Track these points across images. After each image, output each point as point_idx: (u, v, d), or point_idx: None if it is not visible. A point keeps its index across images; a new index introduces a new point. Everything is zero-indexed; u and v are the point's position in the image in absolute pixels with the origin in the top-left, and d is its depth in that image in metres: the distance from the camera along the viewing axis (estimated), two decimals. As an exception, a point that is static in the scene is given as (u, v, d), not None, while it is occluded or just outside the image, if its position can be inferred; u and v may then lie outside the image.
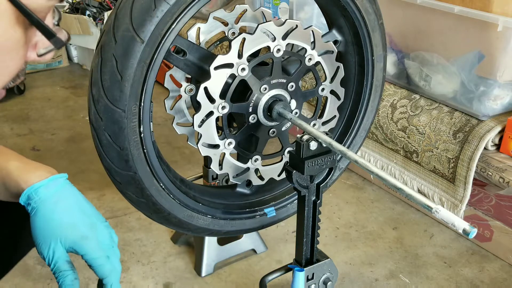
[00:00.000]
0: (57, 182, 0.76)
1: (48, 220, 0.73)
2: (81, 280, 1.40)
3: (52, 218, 0.73)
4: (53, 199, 0.74)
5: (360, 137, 1.36)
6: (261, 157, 1.18)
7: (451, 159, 1.50)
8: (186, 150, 2.08)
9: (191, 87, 1.16)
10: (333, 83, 1.21)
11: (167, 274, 1.44)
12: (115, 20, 0.93)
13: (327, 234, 1.62)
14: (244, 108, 1.08)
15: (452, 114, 1.54)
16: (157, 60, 0.96)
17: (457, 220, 0.72)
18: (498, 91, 1.47)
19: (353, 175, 1.95)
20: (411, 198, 0.78)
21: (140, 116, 0.99)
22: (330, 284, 1.10)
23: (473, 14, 1.41)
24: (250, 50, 1.04)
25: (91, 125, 0.98)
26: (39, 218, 0.73)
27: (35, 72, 3.07)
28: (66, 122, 2.41)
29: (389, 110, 1.68)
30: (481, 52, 1.45)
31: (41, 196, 0.73)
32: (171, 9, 0.93)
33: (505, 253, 1.50)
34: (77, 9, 2.88)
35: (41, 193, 0.74)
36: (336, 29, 1.24)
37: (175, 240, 1.56)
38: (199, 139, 1.07)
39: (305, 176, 0.97)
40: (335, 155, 0.97)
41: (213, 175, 1.46)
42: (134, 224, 1.65)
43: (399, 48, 1.72)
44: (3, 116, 2.48)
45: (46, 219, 0.73)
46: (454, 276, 1.45)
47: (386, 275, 1.45)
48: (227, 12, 1.20)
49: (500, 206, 1.49)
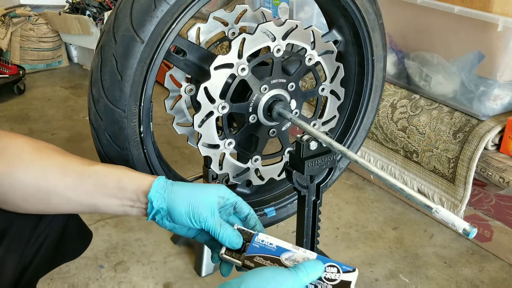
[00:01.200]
0: None
1: (189, 198, 0.83)
2: (81, 280, 1.40)
3: (191, 195, 0.83)
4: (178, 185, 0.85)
5: (360, 137, 1.36)
6: (261, 157, 1.18)
7: (451, 159, 1.50)
8: (186, 150, 2.08)
9: (191, 87, 1.16)
10: (333, 83, 1.21)
11: (167, 274, 1.44)
12: (115, 20, 0.93)
13: (327, 234, 1.62)
14: (244, 108, 1.08)
15: (452, 114, 1.54)
16: (157, 60, 0.96)
17: (457, 220, 0.72)
18: (498, 91, 1.47)
19: (353, 175, 1.95)
20: (411, 198, 0.78)
21: (140, 116, 0.99)
22: (330, 284, 1.10)
23: (473, 14, 1.41)
24: (250, 50, 1.04)
25: (91, 125, 0.98)
26: (180, 199, 0.82)
27: (35, 72, 3.07)
28: (66, 122, 2.41)
29: (389, 110, 1.68)
30: (481, 52, 1.45)
31: (171, 187, 0.84)
32: (171, 9, 0.93)
33: (505, 253, 1.50)
34: (77, 9, 2.88)
35: (167, 184, 0.84)
36: (336, 29, 1.24)
37: (175, 240, 1.56)
38: (199, 139, 1.07)
39: (305, 176, 0.97)
40: (335, 155, 0.97)
41: (213, 175, 1.45)
42: (134, 224, 1.65)
43: (399, 48, 1.72)
44: (3, 116, 2.48)
45: (187, 197, 0.83)
46: (454, 276, 1.45)
47: (386, 275, 1.45)
48: (227, 12, 1.20)
49: (500, 206, 1.49)
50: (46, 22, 3.01)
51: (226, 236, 0.83)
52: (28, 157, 0.81)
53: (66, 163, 0.83)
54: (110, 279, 1.41)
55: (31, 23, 2.97)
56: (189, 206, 0.82)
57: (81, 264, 1.46)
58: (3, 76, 2.68)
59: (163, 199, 0.82)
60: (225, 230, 0.83)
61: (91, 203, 0.84)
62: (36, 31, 2.99)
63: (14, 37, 2.97)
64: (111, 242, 1.56)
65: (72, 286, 1.38)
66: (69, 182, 0.82)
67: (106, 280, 1.40)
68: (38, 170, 0.81)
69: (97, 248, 1.53)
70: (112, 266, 1.46)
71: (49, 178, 0.81)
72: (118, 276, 1.42)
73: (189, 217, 0.82)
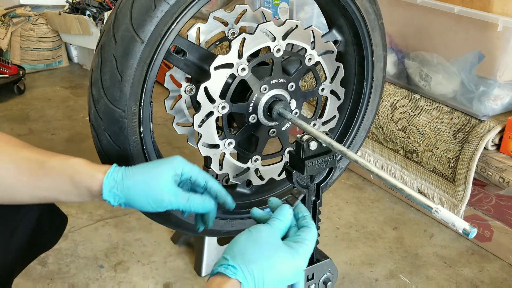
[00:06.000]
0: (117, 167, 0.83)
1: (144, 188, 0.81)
2: (81, 280, 1.40)
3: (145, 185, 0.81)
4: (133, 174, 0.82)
5: (360, 137, 1.36)
6: (261, 157, 1.18)
7: (451, 159, 1.50)
8: (186, 150, 2.08)
9: (191, 87, 1.16)
10: (333, 83, 1.21)
11: (167, 274, 1.44)
12: (115, 20, 0.93)
13: (327, 234, 1.62)
14: (244, 108, 1.08)
15: (452, 114, 1.54)
16: (157, 60, 0.96)
17: (457, 220, 0.71)
18: (498, 91, 1.47)
19: (353, 175, 1.95)
20: (411, 198, 0.78)
21: (140, 116, 0.99)
22: (330, 284, 1.10)
23: (473, 14, 1.41)
24: (250, 50, 1.04)
25: (91, 125, 0.98)
26: (135, 193, 0.80)
27: (35, 72, 3.07)
28: (66, 122, 2.41)
29: (389, 110, 1.68)
30: (481, 52, 1.46)
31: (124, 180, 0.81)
32: (171, 9, 0.93)
33: (505, 253, 1.50)
34: (77, 9, 2.88)
35: (120, 176, 0.81)
36: (336, 29, 1.24)
37: (175, 240, 1.56)
38: (199, 139, 1.07)
39: (305, 176, 0.97)
40: (335, 155, 0.97)
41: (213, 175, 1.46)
42: (134, 224, 1.65)
43: (399, 48, 1.72)
44: (3, 116, 2.48)
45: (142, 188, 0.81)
46: (454, 276, 1.45)
47: (386, 275, 1.45)
48: (227, 12, 1.20)
49: (500, 206, 1.49)
50: (46, 22, 3.01)
51: (196, 206, 0.83)
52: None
53: (20, 159, 0.81)
54: (110, 279, 1.41)
55: (31, 23, 2.97)
56: (147, 197, 0.80)
57: (81, 264, 1.46)
58: (3, 76, 2.69)
59: (118, 197, 0.81)
60: (193, 202, 0.82)
61: (53, 198, 0.83)
62: (36, 31, 2.99)
63: (14, 37, 2.97)
64: (111, 242, 1.56)
65: (72, 286, 1.38)
66: (26, 179, 0.80)
67: (106, 280, 1.40)
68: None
69: (97, 248, 1.53)
70: (112, 266, 1.46)
71: (5, 176, 0.80)
72: (118, 276, 1.42)
73: (152, 207, 0.81)
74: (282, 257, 0.73)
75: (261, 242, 0.73)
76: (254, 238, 0.74)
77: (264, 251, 0.72)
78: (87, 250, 1.52)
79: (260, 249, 0.72)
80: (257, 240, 0.74)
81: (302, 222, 0.81)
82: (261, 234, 0.75)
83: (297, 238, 0.77)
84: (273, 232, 0.76)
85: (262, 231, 0.75)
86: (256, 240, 0.74)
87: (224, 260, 0.72)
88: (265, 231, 0.75)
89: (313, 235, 0.79)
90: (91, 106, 0.96)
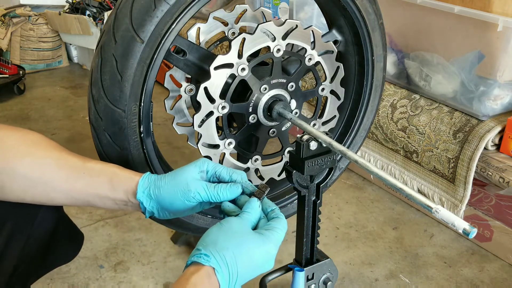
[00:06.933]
0: None
1: (174, 185, 0.84)
2: (81, 280, 1.40)
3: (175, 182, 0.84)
4: None
5: (360, 137, 1.36)
6: (261, 157, 1.18)
7: (451, 159, 1.50)
8: (186, 150, 2.08)
9: (191, 87, 1.16)
10: (333, 83, 1.21)
11: (167, 274, 1.44)
12: (115, 20, 0.93)
13: (327, 234, 1.62)
14: (244, 108, 1.08)
15: (452, 114, 1.54)
16: (157, 60, 0.96)
17: (457, 220, 0.72)
18: (498, 91, 1.47)
19: (353, 175, 1.95)
20: (411, 198, 0.78)
21: (140, 116, 0.99)
22: (330, 284, 1.10)
23: (473, 14, 1.41)
24: (250, 50, 1.04)
25: (91, 125, 0.98)
26: (167, 191, 0.84)
27: (35, 72, 3.07)
28: (66, 122, 2.41)
29: (389, 110, 1.68)
30: (481, 52, 1.45)
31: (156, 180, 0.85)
32: (171, 9, 0.93)
33: (505, 253, 1.50)
34: (77, 9, 2.88)
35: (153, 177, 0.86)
36: (336, 29, 1.24)
37: (175, 240, 1.56)
38: (199, 139, 1.07)
39: (305, 176, 0.97)
40: (335, 155, 0.97)
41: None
42: (134, 224, 1.65)
43: (399, 48, 1.72)
44: (3, 116, 2.48)
45: (172, 186, 0.84)
46: (454, 276, 1.45)
47: (386, 275, 1.45)
48: (227, 12, 1.20)
49: (500, 206, 1.49)
50: (46, 22, 3.01)
51: (224, 191, 0.84)
52: (25, 149, 0.83)
53: (61, 158, 0.84)
54: (110, 279, 1.41)
55: (31, 23, 2.97)
56: (177, 192, 0.83)
57: (81, 264, 1.46)
58: (3, 76, 2.69)
59: (151, 197, 0.84)
60: (220, 188, 0.84)
61: (86, 200, 0.86)
62: (36, 31, 2.99)
63: (14, 37, 2.97)
64: (111, 242, 1.56)
65: (72, 286, 1.38)
66: (64, 176, 0.83)
67: (106, 280, 1.40)
68: (34, 163, 0.82)
69: (97, 248, 1.53)
70: (112, 266, 1.46)
71: (45, 171, 0.83)
72: (118, 276, 1.42)
73: (182, 201, 0.83)
74: (253, 243, 0.76)
75: (232, 232, 0.76)
76: (225, 228, 0.77)
77: (235, 239, 0.75)
78: (87, 250, 1.52)
79: (232, 237, 0.75)
80: (228, 230, 0.76)
81: (272, 214, 0.84)
82: (231, 225, 0.77)
83: (267, 226, 0.80)
84: (244, 223, 0.79)
85: (233, 222, 0.78)
86: (227, 230, 0.76)
87: (197, 250, 0.74)
88: (235, 222, 0.78)
89: (283, 224, 0.81)
90: (91, 106, 0.96)
